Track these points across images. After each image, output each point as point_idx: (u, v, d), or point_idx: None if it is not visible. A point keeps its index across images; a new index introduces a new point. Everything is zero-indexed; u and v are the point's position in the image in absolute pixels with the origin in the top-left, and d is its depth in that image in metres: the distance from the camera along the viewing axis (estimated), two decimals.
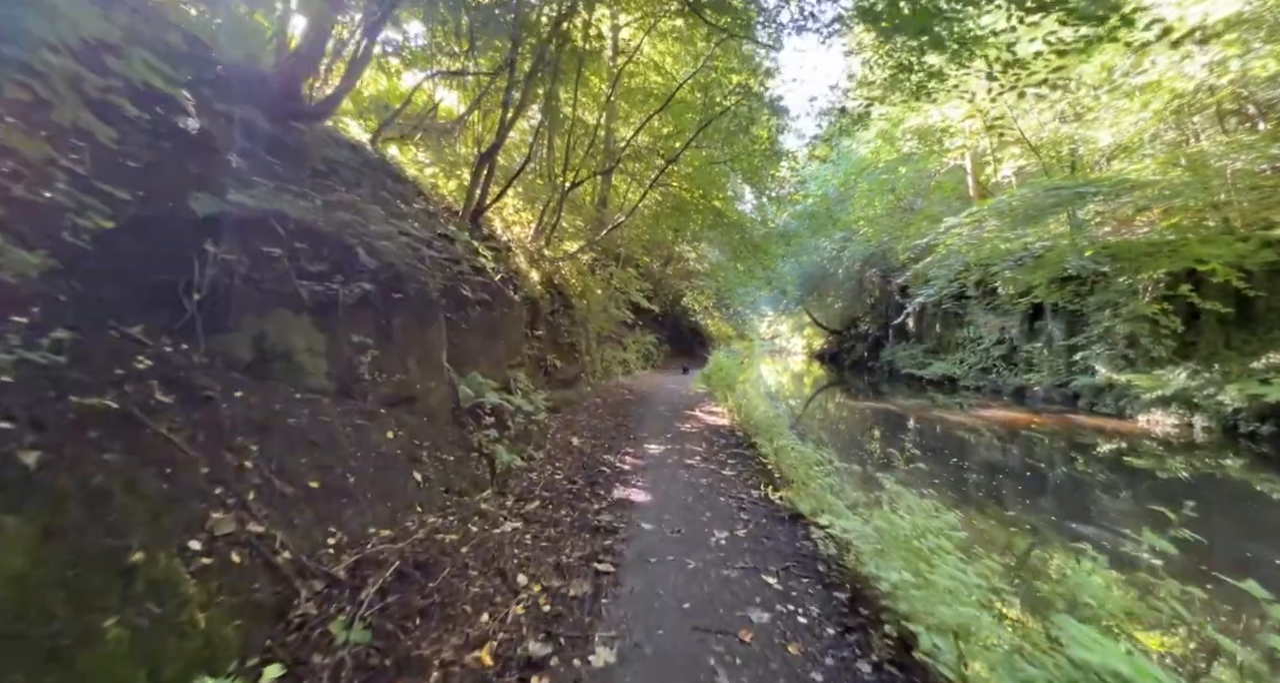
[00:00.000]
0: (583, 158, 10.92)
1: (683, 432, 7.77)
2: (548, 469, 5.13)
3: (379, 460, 3.47)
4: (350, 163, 6.91)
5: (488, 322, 6.56)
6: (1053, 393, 14.45)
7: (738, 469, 5.58)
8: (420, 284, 4.86)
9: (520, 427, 5.60)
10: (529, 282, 9.02)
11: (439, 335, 4.91)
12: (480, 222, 9.68)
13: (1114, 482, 7.59)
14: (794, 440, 5.67)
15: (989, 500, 6.89)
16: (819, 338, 39.83)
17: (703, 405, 10.68)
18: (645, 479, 5.09)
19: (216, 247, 3.40)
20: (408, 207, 7.57)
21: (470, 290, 6.42)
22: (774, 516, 4.11)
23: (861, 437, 11.90)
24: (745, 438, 7.03)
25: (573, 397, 10.05)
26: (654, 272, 21.47)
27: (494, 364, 6.54)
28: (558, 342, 9.71)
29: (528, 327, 8.75)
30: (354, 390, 3.97)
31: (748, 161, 12.42)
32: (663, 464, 5.74)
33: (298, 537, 2.43)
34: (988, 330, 19.19)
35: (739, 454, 6.31)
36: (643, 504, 4.32)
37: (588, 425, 7.92)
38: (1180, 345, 11.14)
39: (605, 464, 5.59)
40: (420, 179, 9.88)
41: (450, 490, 3.90)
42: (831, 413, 16.23)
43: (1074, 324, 14.22)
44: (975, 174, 17.44)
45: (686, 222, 15.34)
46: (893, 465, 8.57)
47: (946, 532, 2.68)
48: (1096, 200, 8.81)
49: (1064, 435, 10.60)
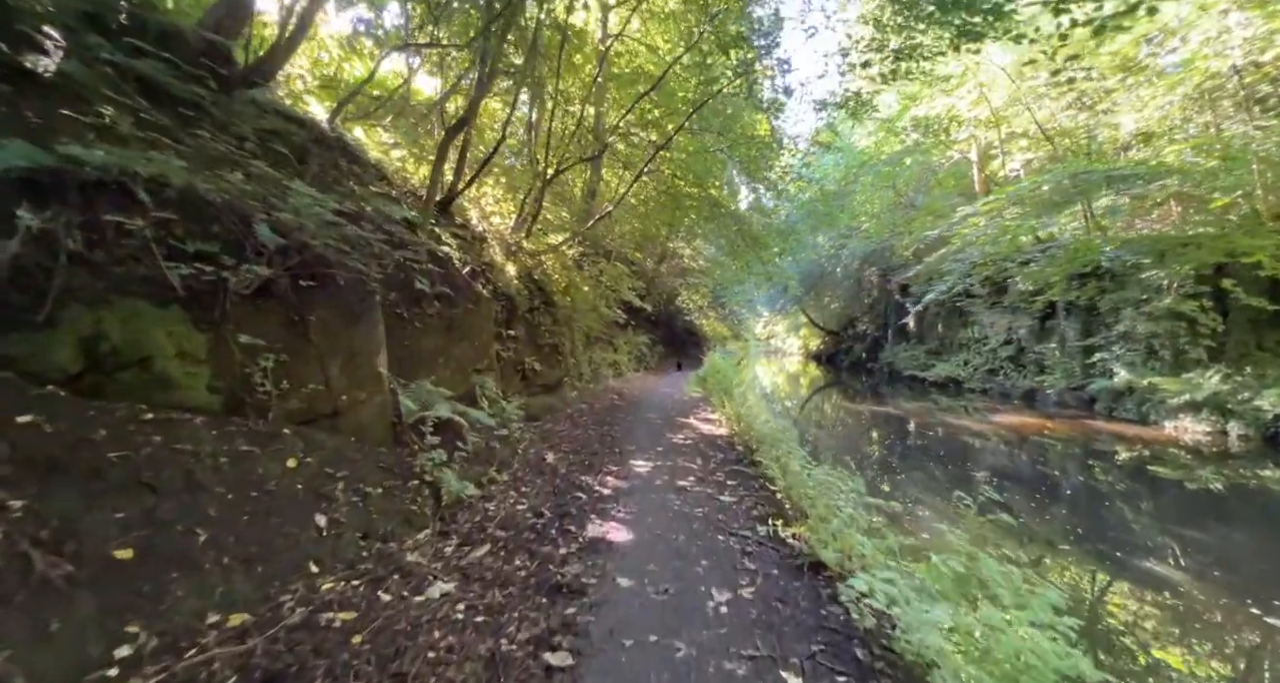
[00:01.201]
0: (567, 143, 10.04)
1: (675, 444, 6.90)
2: (510, 497, 4.24)
3: (261, 503, 2.57)
4: (295, 138, 6.02)
5: (449, 319, 5.67)
6: (1066, 396, 13.69)
7: (739, 494, 4.71)
8: (353, 272, 3.96)
9: (480, 445, 4.71)
10: (504, 276, 8.13)
11: (374, 334, 4.02)
12: (452, 209, 8.79)
13: (1177, 501, 6.79)
14: (803, 456, 4.81)
15: (1029, 524, 6.06)
16: (815, 338, 39.12)
17: (698, 412, 9.82)
18: (628, 508, 4.22)
19: (36, 213, 2.50)
20: (363, 188, 6.69)
21: (428, 283, 5.53)
22: (787, 564, 3.24)
23: (865, 443, 11.07)
24: (746, 453, 6.16)
25: (555, 403, 9.16)
26: (647, 269, 20.62)
27: (456, 369, 5.65)
28: (538, 342, 8.82)
29: (502, 325, 7.85)
30: (247, 407, 3.07)
31: (745, 150, 11.58)
32: (650, 487, 4.86)
33: (49, 654, 1.53)
34: (994, 330, 18.44)
35: (740, 473, 5.44)
36: (622, 547, 3.44)
37: (568, 437, 7.03)
38: (1206, 347, 10.39)
39: (582, 488, 4.71)
40: (385, 162, 8.97)
41: (370, 536, 3.01)
42: (832, 416, 15.40)
43: (1089, 324, 13.47)
44: (982, 167, 16.68)
45: (682, 215, 14.48)
46: (894, 471, 7.78)
47: (1054, 623, 1.82)
48: (1132, 185, 8.03)
49: (1089, 444, 9.81)
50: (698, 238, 19.08)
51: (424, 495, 3.64)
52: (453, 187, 8.54)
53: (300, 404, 3.39)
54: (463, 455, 4.21)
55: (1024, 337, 16.58)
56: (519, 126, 10.99)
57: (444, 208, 8.44)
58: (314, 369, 3.50)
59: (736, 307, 31.32)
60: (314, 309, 3.56)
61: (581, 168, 16.23)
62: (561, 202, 14.01)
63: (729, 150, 11.22)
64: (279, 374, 3.25)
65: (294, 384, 3.34)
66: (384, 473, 3.55)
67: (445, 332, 5.59)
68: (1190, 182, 8.04)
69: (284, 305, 3.39)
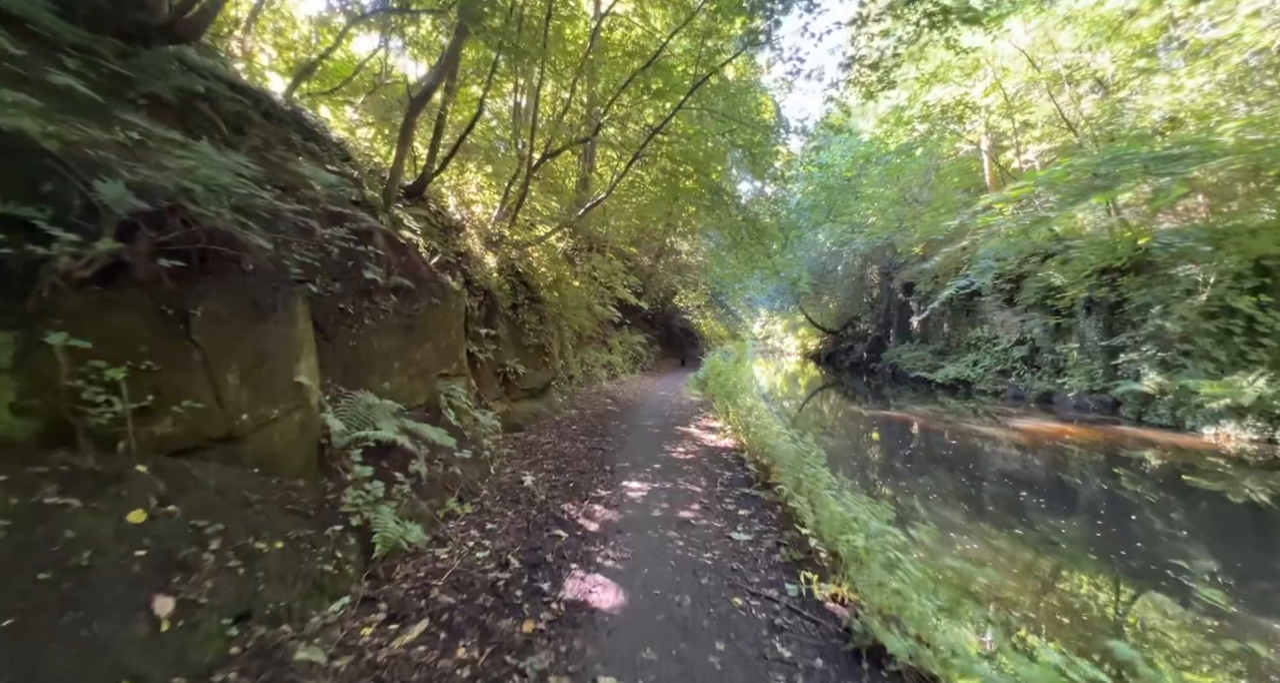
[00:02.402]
0: (555, 124, 9.16)
1: (674, 459, 6.04)
2: (470, 540, 3.37)
3: (52, 591, 1.69)
4: (231, 105, 5.13)
5: (409, 316, 4.79)
6: (1088, 400, 12.91)
7: (754, 529, 3.85)
8: (264, 255, 3.08)
9: (438, 471, 3.83)
10: (484, 268, 7.25)
11: (290, 334, 3.13)
12: (426, 195, 7.90)
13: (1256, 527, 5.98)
14: (828, 479, 3.94)
15: (1071, 550, 5.23)
16: (814, 338, 38.41)
17: (699, 419, 8.96)
18: (619, 552, 3.35)
19: None
20: (316, 166, 5.81)
21: (381, 272, 4.65)
22: (833, 648, 2.39)
23: (876, 451, 10.24)
24: (759, 473, 5.30)
25: (541, 409, 8.29)
26: (643, 266, 19.75)
27: (417, 374, 4.77)
28: (521, 343, 7.94)
29: (480, 323, 6.97)
30: (79, 436, 2.18)
31: (749, 136, 10.71)
32: (646, 518, 4.00)
33: None
34: (1005, 329, 17.66)
35: (752, 499, 4.58)
36: (609, 618, 2.58)
37: (553, 451, 6.16)
38: (1238, 349, 9.61)
39: (563, 522, 3.84)
40: (353, 143, 8.08)
41: (250, 618, 2.13)
42: (836, 420, 14.56)
43: (1112, 323, 12.68)
44: (993, 159, 15.88)
45: (681, 208, 13.61)
46: (915, 485, 6.90)
47: None
48: (1179, 167, 7.22)
49: (1121, 451, 9.00)
50: (696, 233, 18.21)
51: (348, 546, 2.76)
52: (426, 169, 7.66)
53: (174, 428, 2.50)
54: (410, 486, 3.33)
55: (1039, 336, 15.80)
56: (502, 107, 10.10)
57: (416, 192, 7.56)
58: (198, 380, 2.61)
59: (734, 305, 30.49)
60: (200, 301, 2.67)
61: (573, 158, 15.37)
62: (552, 193, 13.12)
63: (731, 136, 10.35)
64: (141, 388, 2.37)
65: (164, 401, 2.46)
66: (292, 518, 2.67)
67: (403, 331, 4.71)
68: (1250, 161, 7.23)
69: (150, 295, 2.50)
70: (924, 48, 7.41)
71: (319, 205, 4.68)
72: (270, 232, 3.21)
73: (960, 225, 12.57)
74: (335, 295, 4.25)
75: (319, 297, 4.06)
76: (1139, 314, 11.73)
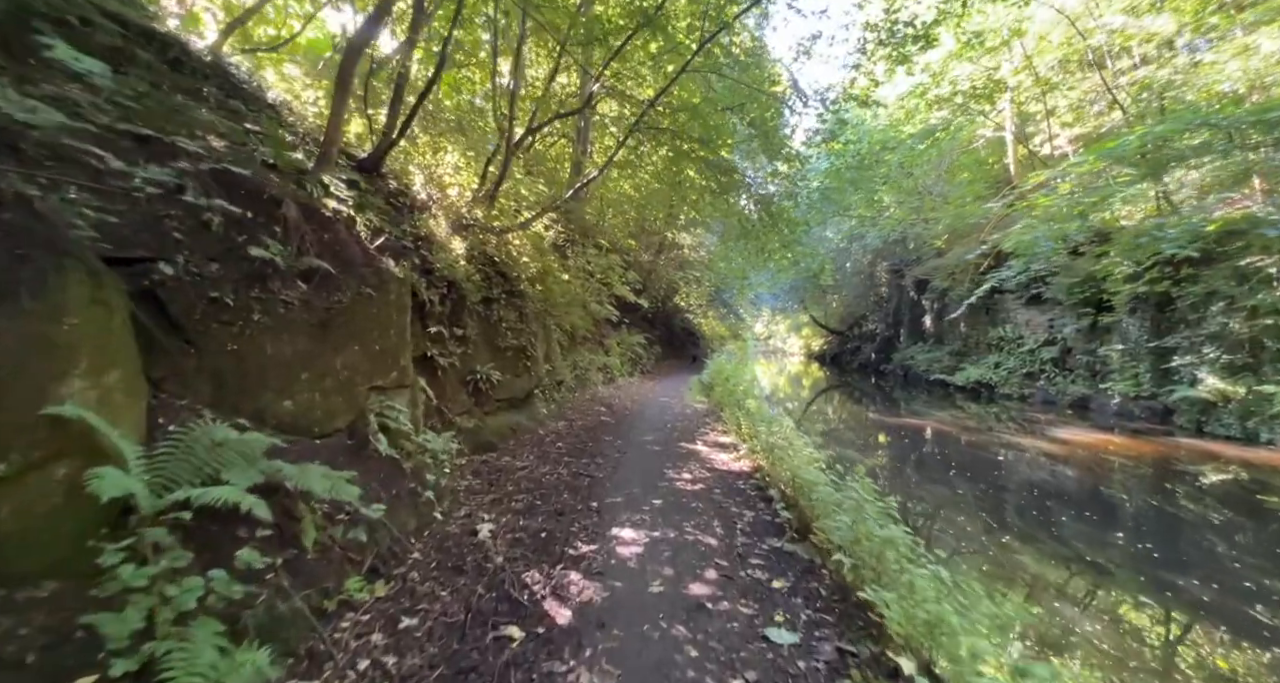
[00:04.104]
0: (544, 92, 7.94)
1: (679, 490, 4.82)
2: (363, 659, 2.15)
3: None
4: (109, 41, 4.02)
5: (326, 310, 3.58)
6: (1132, 407, 11.68)
7: (801, 618, 2.64)
8: (22, 207, 1.87)
9: (335, 536, 2.60)
10: (448, 255, 6.03)
11: (49, 335, 1.91)
12: (385, 171, 6.69)
13: None
14: (906, 544, 2.72)
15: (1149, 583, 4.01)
16: (818, 338, 37.23)
17: (705, 432, 7.74)
18: (597, 673, 2.14)
19: None
20: (231, 122, 4.66)
21: (284, 252, 3.45)
22: None
23: (898, 462, 9.00)
24: (790, 514, 4.07)
25: (522, 423, 7.08)
26: (643, 263, 18.54)
27: (334, 387, 3.55)
28: (497, 344, 6.72)
29: (444, 320, 5.76)
30: None
31: (759, 112, 9.50)
32: (642, 601, 2.78)
33: None
34: (1030, 329, 16.44)
35: (788, 559, 3.37)
36: None
37: (528, 480, 4.94)
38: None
39: (520, 609, 2.63)
40: (298, 106, 6.88)
41: None
42: (848, 426, 13.30)
43: (1160, 321, 11.47)
44: (1022, 141, 14.66)
45: (683, 197, 12.37)
46: (953, 509, 5.55)
47: None
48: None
49: (1183, 468, 7.77)
50: (700, 226, 16.97)
51: None
52: (384, 138, 6.45)
53: None
54: (278, 571, 2.12)
55: (1070, 336, 14.59)
56: (481, 75, 8.87)
57: (372, 166, 6.34)
58: None
59: (739, 304, 29.30)
60: None
61: (566, 144, 14.15)
62: (542, 179, 11.91)
63: (741, 111, 9.13)
64: None
65: None
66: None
67: (317, 329, 3.50)
68: None
69: None
70: None
71: (202, 164, 3.48)
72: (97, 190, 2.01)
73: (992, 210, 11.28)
74: (210, 280, 3.04)
75: (176, 282, 2.86)
76: (1194, 312, 10.52)
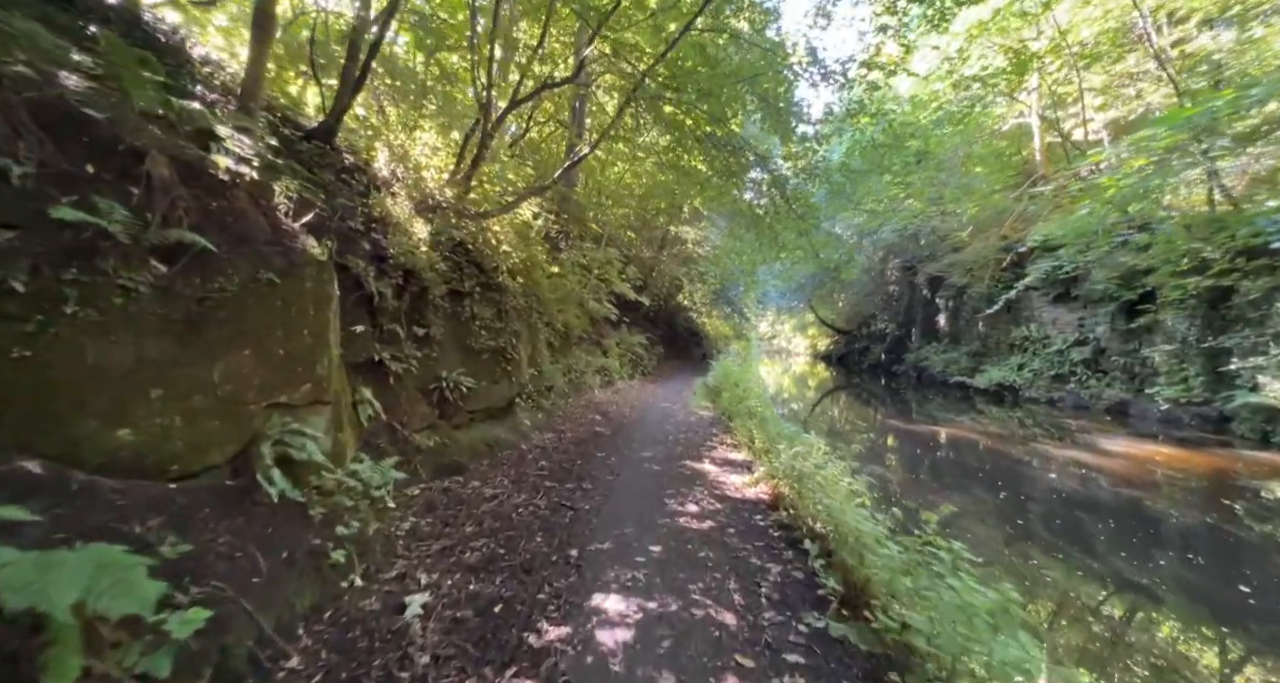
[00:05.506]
0: (530, 58, 6.96)
1: (683, 532, 3.83)
2: None
3: None
4: None
5: (202, 301, 2.61)
6: (1181, 413, 10.64)
7: None
8: None
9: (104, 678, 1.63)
10: (407, 241, 5.04)
11: None
12: (339, 143, 5.72)
13: None
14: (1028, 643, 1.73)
15: None
16: (824, 338, 36.19)
17: (713, 446, 6.75)
18: None
19: None
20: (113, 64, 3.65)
21: (128, 221, 2.48)
22: None
23: (920, 474, 7.97)
24: (832, 576, 3.07)
25: (501, 436, 6.08)
26: (644, 258, 17.56)
27: (210, 405, 2.57)
28: (469, 346, 5.74)
29: (400, 317, 4.78)
30: None
31: (770, 84, 8.51)
32: None
33: None
34: (1058, 328, 15.39)
35: (837, 649, 2.39)
36: None
37: (493, 517, 3.95)
38: None
39: None
40: (229, 63, 5.90)
41: None
42: (863, 431, 12.27)
43: (1212, 319, 10.43)
44: (1053, 125, 13.61)
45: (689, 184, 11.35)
46: (993, 537, 4.54)
47: None
48: None
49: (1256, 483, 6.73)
50: (704, 219, 15.94)
51: None
52: (337, 103, 5.49)
53: None
54: None
55: (1104, 335, 13.54)
56: (455, 35, 7.88)
57: (323, 135, 5.37)
58: None
59: (746, 302, 28.28)
60: None
61: (560, 130, 13.17)
62: (534, 168, 10.94)
63: (751, 82, 8.14)
64: None
65: None
66: None
67: (184, 327, 2.52)
68: None
69: None
70: None
71: (22, 93, 2.50)
72: None
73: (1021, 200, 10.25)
74: None
75: None
76: (1255, 308, 9.48)
